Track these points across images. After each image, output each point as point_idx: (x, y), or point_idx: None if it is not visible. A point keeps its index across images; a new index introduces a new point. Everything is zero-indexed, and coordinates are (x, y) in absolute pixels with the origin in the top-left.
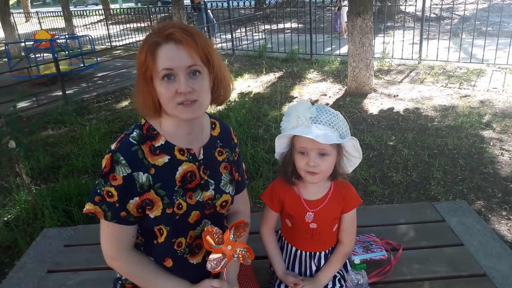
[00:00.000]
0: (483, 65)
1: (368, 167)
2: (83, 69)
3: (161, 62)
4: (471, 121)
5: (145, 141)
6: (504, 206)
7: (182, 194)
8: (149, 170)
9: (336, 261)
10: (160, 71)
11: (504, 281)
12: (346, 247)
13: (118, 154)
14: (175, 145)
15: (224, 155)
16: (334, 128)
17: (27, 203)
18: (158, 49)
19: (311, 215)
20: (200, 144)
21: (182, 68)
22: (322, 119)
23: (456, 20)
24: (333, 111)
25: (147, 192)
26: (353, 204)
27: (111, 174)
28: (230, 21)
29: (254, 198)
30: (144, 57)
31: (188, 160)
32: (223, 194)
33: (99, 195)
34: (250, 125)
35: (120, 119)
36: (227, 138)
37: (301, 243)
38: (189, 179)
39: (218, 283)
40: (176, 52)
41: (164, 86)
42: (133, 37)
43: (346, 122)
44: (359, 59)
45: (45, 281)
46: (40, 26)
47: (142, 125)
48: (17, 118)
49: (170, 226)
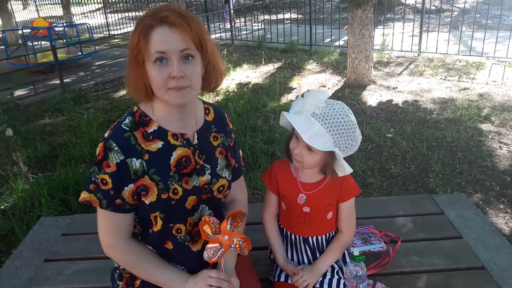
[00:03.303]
0: (483, 58)
1: (366, 159)
2: (81, 57)
3: (154, 45)
4: (470, 114)
5: (138, 127)
6: (501, 199)
7: (177, 179)
8: (142, 156)
9: (335, 250)
10: (153, 54)
11: (502, 273)
12: (346, 237)
13: (110, 141)
14: (168, 131)
15: (219, 140)
16: (331, 134)
17: (24, 191)
18: (151, 31)
19: (303, 196)
20: (194, 129)
21: (175, 51)
22: (324, 119)
23: (456, 13)
24: (344, 119)
25: (141, 178)
26: (350, 193)
27: (104, 162)
28: (230, 10)
29: (252, 189)
30: (136, 39)
31: (182, 145)
32: (220, 179)
33: (94, 183)
34: (248, 116)
35: (118, 108)
36: (221, 123)
37: (294, 227)
38: (184, 164)
39: (215, 273)
40: (170, 35)
41: (156, 70)
42: (131, 26)
43: (353, 137)
44: (358, 51)
45: (42, 269)
46: (38, 13)
47: (135, 112)
48: (14, 106)
49: (166, 213)
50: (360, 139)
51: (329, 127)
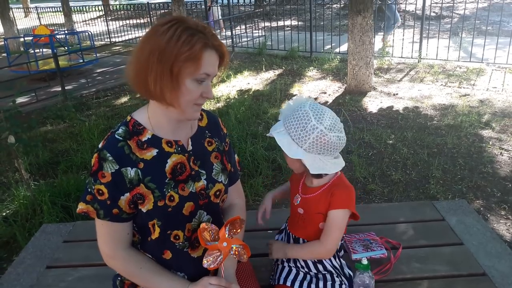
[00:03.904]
0: (483, 64)
1: (367, 166)
2: (83, 65)
3: (205, 66)
4: (471, 120)
5: (132, 137)
6: (503, 205)
7: (173, 186)
8: (137, 164)
9: (307, 248)
10: (201, 73)
11: (503, 280)
12: (319, 246)
13: (104, 151)
14: (162, 138)
15: (213, 145)
16: (291, 136)
17: (26, 198)
18: (205, 51)
19: (298, 198)
20: (188, 135)
21: (213, 76)
22: (287, 121)
23: (456, 19)
24: (304, 122)
25: (137, 187)
26: (336, 204)
27: (99, 172)
28: (230, 18)
29: (253, 196)
30: (195, 54)
31: (177, 152)
32: (216, 183)
33: (90, 194)
34: (249, 122)
35: (119, 115)
36: (215, 128)
37: (291, 223)
38: (179, 171)
39: (216, 280)
40: (215, 61)
41: (195, 86)
42: (132, 33)
43: (304, 125)
44: (359, 57)
45: (44, 276)
46: (40, 21)
47: (128, 121)
48: (16, 113)
49: (163, 220)
50: (322, 133)
51: (290, 128)
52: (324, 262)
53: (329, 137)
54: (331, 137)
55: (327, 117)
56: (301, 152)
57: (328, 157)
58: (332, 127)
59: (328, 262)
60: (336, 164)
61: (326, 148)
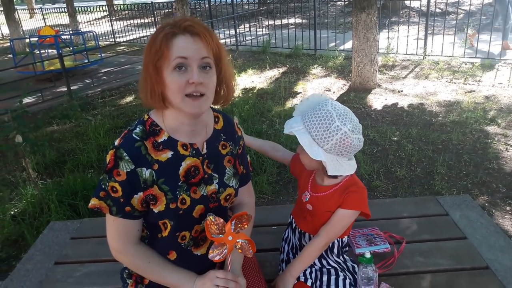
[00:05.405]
0: (488, 60)
1: (372, 162)
2: (88, 65)
3: (176, 51)
4: (476, 116)
5: (148, 137)
6: (508, 201)
7: (186, 189)
8: (152, 165)
9: (308, 255)
10: (174, 59)
11: (507, 273)
12: (318, 241)
13: (121, 150)
14: (178, 140)
15: (227, 149)
16: (311, 135)
17: (34, 197)
18: (173, 39)
19: (307, 195)
20: (203, 138)
21: (196, 59)
22: (308, 120)
23: (462, 15)
24: (328, 123)
25: (150, 188)
26: (349, 204)
27: (115, 170)
28: (234, 16)
29: (258, 193)
30: (158, 45)
31: (192, 155)
32: (227, 188)
33: (104, 190)
34: (254, 120)
35: (124, 115)
36: (230, 131)
37: (298, 218)
38: (193, 174)
39: (222, 273)
40: (192, 43)
41: (175, 76)
42: (137, 33)
43: (327, 126)
44: (363, 54)
45: (53, 272)
46: (45, 22)
47: (145, 120)
48: (23, 113)
49: (174, 220)
50: (346, 135)
51: (305, 118)
52: (328, 258)
53: (352, 139)
54: (353, 139)
55: (350, 119)
56: (322, 152)
57: (345, 158)
58: (354, 128)
59: (332, 258)
60: (351, 166)
61: (348, 150)
